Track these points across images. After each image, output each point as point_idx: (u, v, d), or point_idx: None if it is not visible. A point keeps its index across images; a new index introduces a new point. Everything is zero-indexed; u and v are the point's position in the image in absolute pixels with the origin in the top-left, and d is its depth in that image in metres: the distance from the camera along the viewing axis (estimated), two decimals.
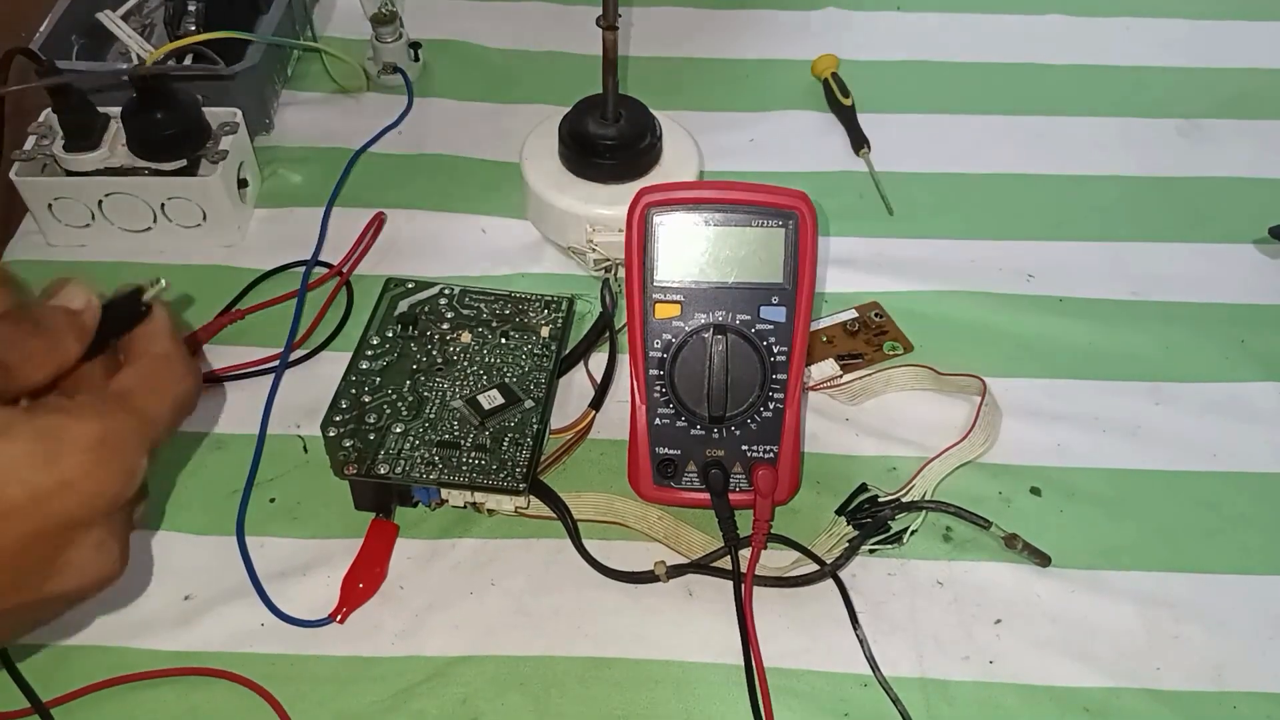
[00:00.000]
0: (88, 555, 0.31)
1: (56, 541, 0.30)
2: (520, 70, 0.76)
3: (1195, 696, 0.46)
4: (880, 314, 0.59)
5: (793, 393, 0.47)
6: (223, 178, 0.60)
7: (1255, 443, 0.55)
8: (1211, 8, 0.81)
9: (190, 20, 0.69)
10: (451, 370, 0.53)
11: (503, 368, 0.53)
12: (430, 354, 0.53)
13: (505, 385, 0.52)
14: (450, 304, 0.56)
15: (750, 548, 0.48)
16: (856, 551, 0.49)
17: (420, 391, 0.52)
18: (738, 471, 0.48)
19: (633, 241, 0.47)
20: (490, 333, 0.55)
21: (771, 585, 0.48)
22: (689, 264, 0.47)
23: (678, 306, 0.47)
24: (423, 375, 0.52)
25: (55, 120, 0.60)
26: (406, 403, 0.51)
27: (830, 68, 0.74)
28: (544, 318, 0.56)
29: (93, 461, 0.30)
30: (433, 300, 0.56)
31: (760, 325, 0.47)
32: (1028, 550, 0.49)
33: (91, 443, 0.30)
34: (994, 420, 0.54)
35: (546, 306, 0.56)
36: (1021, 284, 0.62)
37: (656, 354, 0.48)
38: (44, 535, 0.30)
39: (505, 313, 0.56)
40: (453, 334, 0.54)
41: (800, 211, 0.46)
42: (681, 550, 0.49)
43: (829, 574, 0.48)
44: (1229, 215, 0.66)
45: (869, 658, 0.46)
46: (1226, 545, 0.51)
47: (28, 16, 0.67)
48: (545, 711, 0.45)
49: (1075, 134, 0.72)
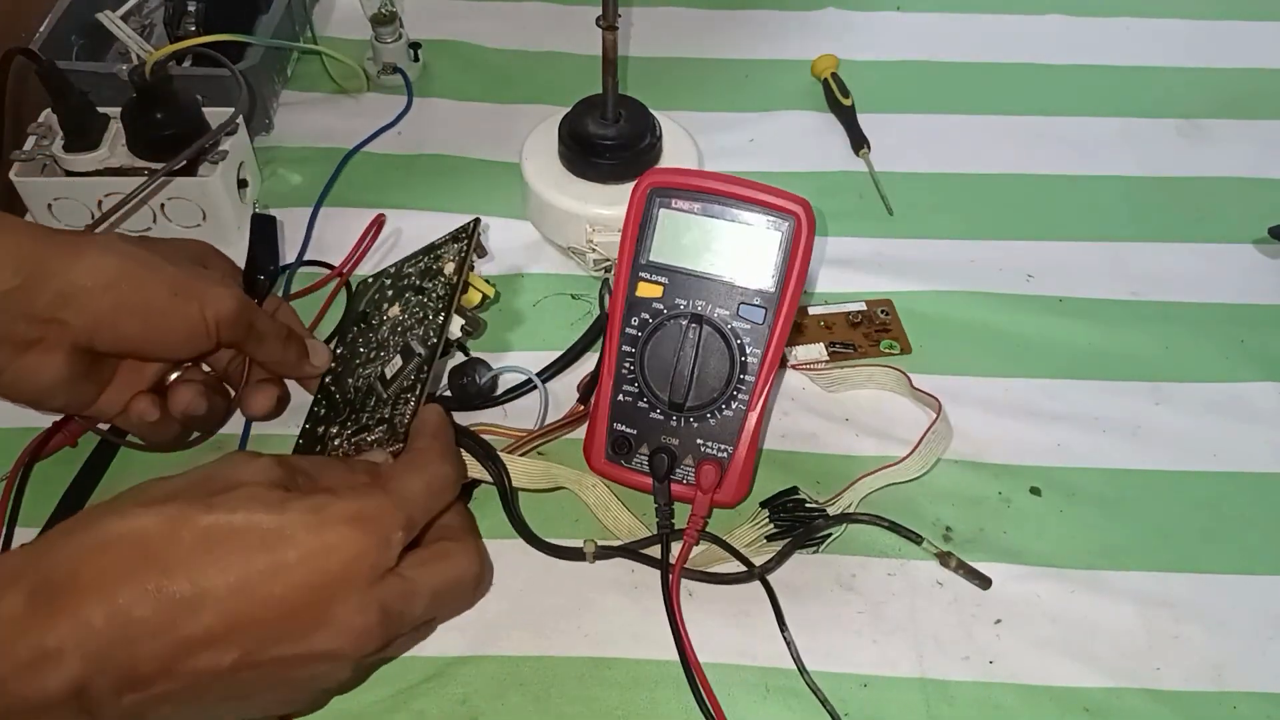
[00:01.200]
0: (349, 616, 0.36)
1: (322, 595, 0.35)
2: (520, 70, 0.76)
3: (1195, 696, 0.46)
4: (888, 312, 0.59)
5: (757, 397, 0.47)
6: (222, 178, 0.60)
7: (1255, 443, 0.55)
8: (1211, 8, 0.81)
9: (190, 21, 0.69)
10: (381, 350, 0.50)
11: (412, 326, 0.49)
12: (368, 336, 0.52)
13: (406, 345, 0.49)
14: (392, 283, 0.53)
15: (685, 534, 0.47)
16: (788, 557, 0.49)
17: (356, 384, 0.50)
18: (688, 464, 0.48)
19: (631, 217, 0.47)
20: (414, 293, 0.51)
21: (700, 580, 0.48)
22: (680, 249, 0.47)
23: (660, 288, 0.48)
24: (362, 367, 0.51)
25: (55, 120, 0.60)
26: (346, 399, 0.50)
27: (830, 68, 0.74)
28: (452, 252, 0.51)
29: (351, 530, 0.36)
30: (379, 285, 0.54)
31: (737, 323, 0.47)
32: (963, 570, 0.48)
33: (350, 516, 0.37)
34: (939, 445, 0.53)
35: (455, 239, 0.51)
36: (1021, 284, 0.62)
37: (632, 331, 0.48)
38: (312, 588, 0.35)
39: (424, 264, 0.52)
40: (384, 311, 0.52)
41: (798, 217, 0.46)
42: (609, 526, 0.49)
43: (757, 576, 0.48)
44: (1229, 215, 0.66)
45: (795, 658, 0.46)
46: (1226, 545, 0.51)
47: (28, 16, 0.67)
48: (545, 711, 0.45)
49: (1075, 134, 0.72)
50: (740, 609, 0.48)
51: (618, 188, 0.59)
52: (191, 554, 0.34)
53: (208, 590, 0.34)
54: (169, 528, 0.34)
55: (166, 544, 0.34)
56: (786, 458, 0.54)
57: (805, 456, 0.54)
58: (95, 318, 0.43)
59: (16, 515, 0.50)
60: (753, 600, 0.48)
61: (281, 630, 0.35)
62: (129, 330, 0.45)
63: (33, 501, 0.50)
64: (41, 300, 0.43)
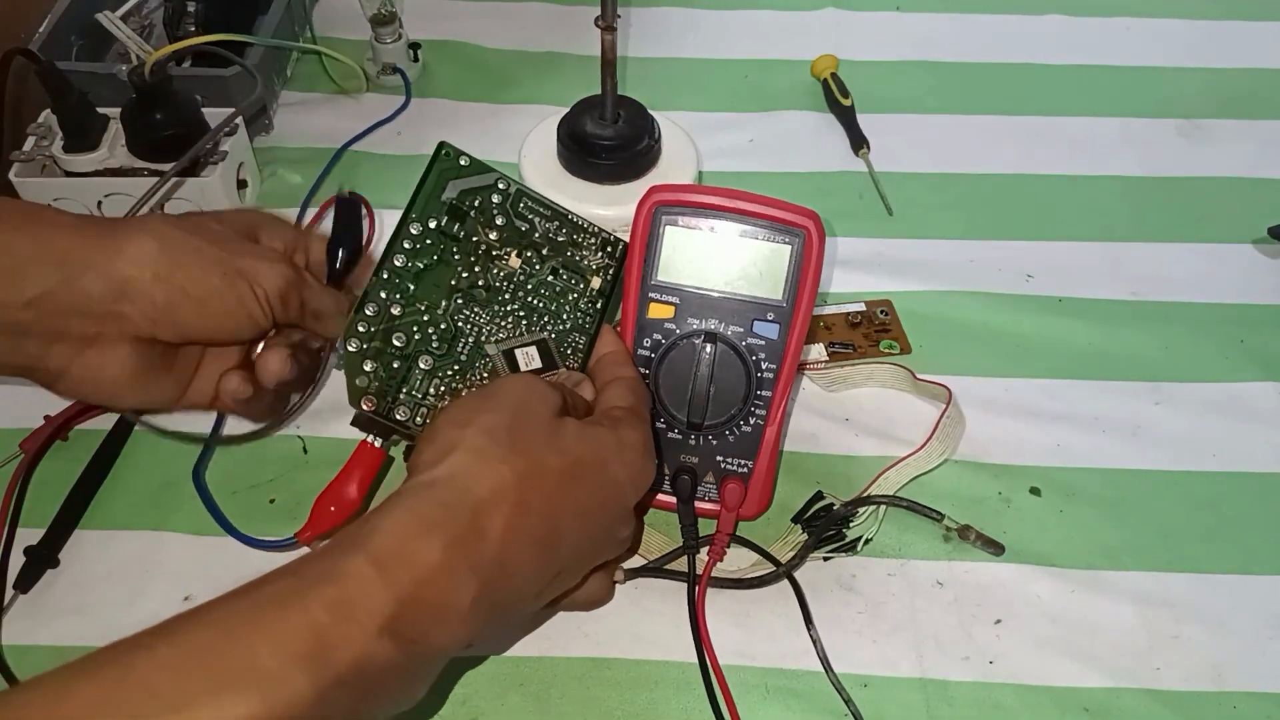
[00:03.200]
0: (623, 533, 0.42)
1: (613, 522, 0.41)
2: (519, 71, 0.76)
3: (1195, 696, 0.46)
4: (887, 312, 0.59)
5: (775, 411, 0.47)
6: (222, 178, 0.60)
7: (1255, 443, 0.55)
8: (1211, 8, 0.81)
9: (189, 21, 0.69)
10: (492, 302, 0.46)
11: (545, 317, 0.47)
12: (473, 269, 0.46)
13: (545, 345, 0.47)
14: (503, 205, 0.48)
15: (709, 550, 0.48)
16: (811, 551, 0.49)
17: (455, 321, 0.45)
18: (709, 481, 0.48)
19: (637, 237, 0.47)
20: (540, 261, 0.48)
21: (727, 587, 0.48)
22: (689, 268, 0.47)
23: (672, 308, 0.47)
24: (460, 297, 0.45)
25: (54, 121, 0.60)
26: (439, 331, 0.45)
27: (830, 68, 0.74)
28: (598, 261, 0.49)
29: (644, 458, 0.41)
30: (485, 194, 0.48)
31: (752, 339, 0.47)
32: (981, 540, 0.49)
33: (643, 444, 0.41)
34: (955, 431, 0.54)
35: (602, 247, 0.49)
36: (1021, 284, 0.62)
37: (645, 353, 0.48)
38: (616, 515, 0.41)
39: (559, 239, 0.48)
40: (501, 250, 0.47)
41: (809, 231, 0.46)
42: (639, 550, 0.50)
43: (783, 574, 0.48)
44: (1229, 215, 0.66)
45: (822, 658, 0.46)
46: (1226, 545, 0.51)
47: (28, 17, 0.67)
48: (545, 711, 0.45)
49: (1075, 134, 0.72)
50: (741, 611, 0.48)
51: (617, 188, 0.59)
52: (556, 500, 0.38)
53: (562, 528, 0.38)
54: (541, 480, 0.38)
55: (540, 494, 0.38)
56: (787, 458, 0.54)
57: (805, 456, 0.54)
58: (152, 306, 0.42)
59: (18, 517, 0.50)
60: (753, 602, 0.48)
61: (602, 545, 0.41)
62: (187, 318, 0.43)
63: (34, 501, 0.51)
64: (91, 294, 0.41)
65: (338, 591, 0.33)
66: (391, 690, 0.34)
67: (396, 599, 0.33)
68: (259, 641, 0.31)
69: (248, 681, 0.30)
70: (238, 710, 0.29)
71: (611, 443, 0.40)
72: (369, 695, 0.33)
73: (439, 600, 0.34)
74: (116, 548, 0.50)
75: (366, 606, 0.33)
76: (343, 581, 0.33)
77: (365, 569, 0.34)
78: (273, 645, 0.31)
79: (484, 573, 0.35)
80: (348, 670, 0.32)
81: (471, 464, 0.37)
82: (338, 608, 0.33)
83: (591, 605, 0.47)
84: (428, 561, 0.34)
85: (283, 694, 0.30)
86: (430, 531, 0.35)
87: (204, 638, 0.31)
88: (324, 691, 0.31)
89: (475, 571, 0.35)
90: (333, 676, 0.31)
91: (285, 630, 0.32)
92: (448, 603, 0.35)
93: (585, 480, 0.39)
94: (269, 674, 0.30)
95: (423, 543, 0.35)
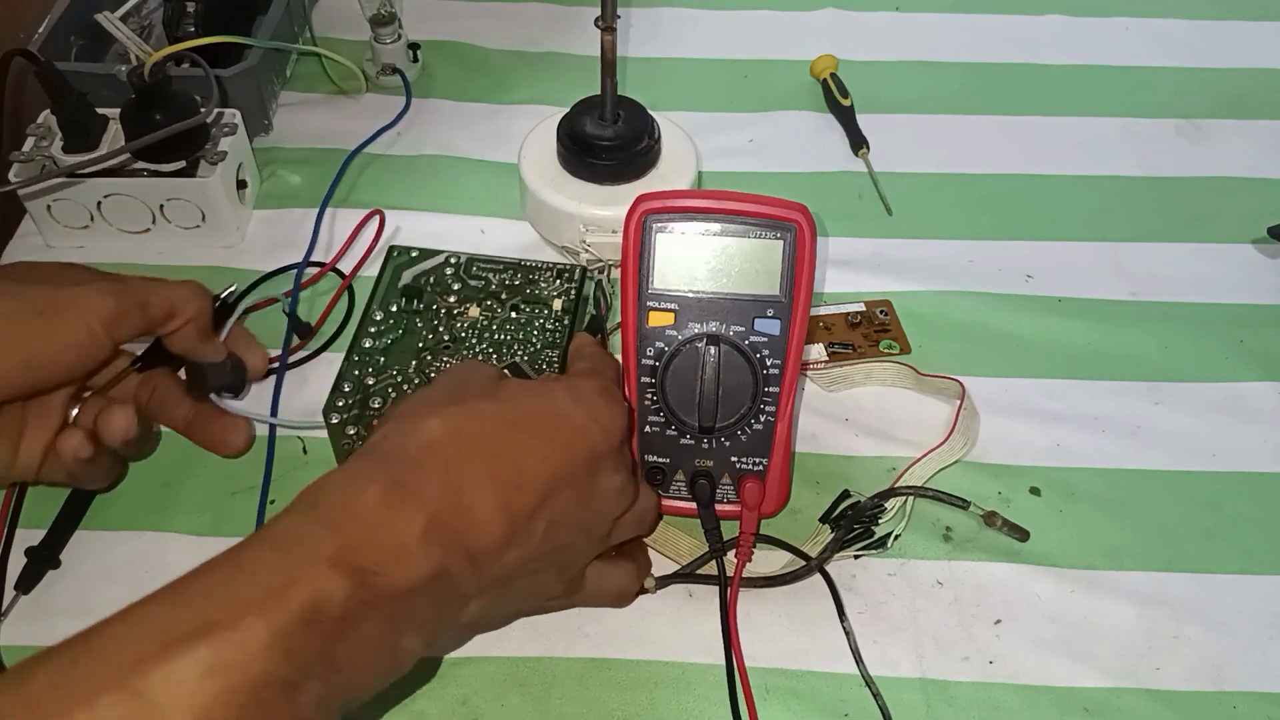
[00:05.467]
0: (613, 481, 0.41)
1: (591, 468, 0.40)
2: (519, 71, 0.76)
3: (1195, 696, 0.46)
4: (887, 312, 0.59)
5: (784, 406, 0.47)
6: (222, 179, 0.60)
7: (1255, 443, 0.55)
8: (1211, 8, 0.81)
9: (189, 21, 0.69)
10: (459, 348, 0.50)
11: (513, 345, 0.51)
12: (437, 330, 0.51)
13: (516, 365, 0.49)
14: (456, 274, 0.53)
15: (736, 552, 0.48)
16: (841, 545, 0.49)
17: (426, 373, 0.49)
18: (726, 482, 0.48)
19: (629, 248, 0.47)
20: (499, 305, 0.52)
21: (759, 586, 0.48)
22: (685, 273, 0.47)
23: (672, 315, 0.47)
24: (429, 354, 0.50)
25: (54, 121, 0.60)
26: (412, 385, 0.49)
27: (829, 68, 0.74)
28: (556, 289, 0.53)
29: (601, 397, 0.41)
30: (438, 270, 0.53)
31: (754, 337, 0.47)
32: (1007, 526, 0.50)
33: (598, 387, 0.41)
34: (973, 423, 0.54)
35: (559, 276, 0.54)
36: (1020, 284, 0.62)
37: (649, 362, 0.47)
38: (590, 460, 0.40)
39: (514, 283, 0.53)
40: (460, 308, 0.52)
41: (799, 224, 0.46)
42: (669, 554, 0.49)
43: (815, 568, 0.48)
44: (1228, 215, 0.66)
45: (853, 649, 0.46)
46: (1226, 545, 0.51)
47: (27, 17, 0.67)
48: (545, 712, 0.45)
49: (1075, 134, 0.72)
50: (740, 611, 0.48)
51: (616, 188, 0.59)
52: (503, 439, 0.38)
53: (523, 466, 0.38)
54: (479, 423, 0.38)
55: (481, 435, 0.38)
56: None
57: (805, 457, 0.54)
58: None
59: (18, 517, 0.50)
60: (753, 602, 0.48)
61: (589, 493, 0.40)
62: (10, 366, 0.42)
63: (34, 501, 0.51)
64: None
65: (280, 535, 0.34)
66: (369, 635, 0.34)
67: (340, 538, 0.34)
68: (203, 599, 0.32)
69: (196, 637, 0.30)
70: (189, 667, 0.29)
71: (562, 389, 0.41)
72: (340, 637, 0.33)
73: (384, 535, 0.35)
74: (118, 548, 0.50)
75: (310, 544, 0.34)
76: (281, 531, 0.34)
77: (304, 518, 0.35)
78: (220, 599, 0.32)
79: (431, 507, 0.36)
80: (305, 608, 0.32)
81: (405, 424, 0.38)
82: (282, 550, 0.33)
83: (619, 598, 0.47)
84: (367, 502, 0.35)
85: (235, 641, 0.30)
86: (368, 480, 0.36)
87: (150, 609, 0.32)
88: (284, 632, 0.31)
89: (422, 507, 0.35)
90: (289, 615, 0.31)
91: (231, 583, 0.32)
92: (395, 535, 0.35)
93: (537, 421, 0.40)
94: (217, 624, 0.30)
95: (360, 490, 0.35)
